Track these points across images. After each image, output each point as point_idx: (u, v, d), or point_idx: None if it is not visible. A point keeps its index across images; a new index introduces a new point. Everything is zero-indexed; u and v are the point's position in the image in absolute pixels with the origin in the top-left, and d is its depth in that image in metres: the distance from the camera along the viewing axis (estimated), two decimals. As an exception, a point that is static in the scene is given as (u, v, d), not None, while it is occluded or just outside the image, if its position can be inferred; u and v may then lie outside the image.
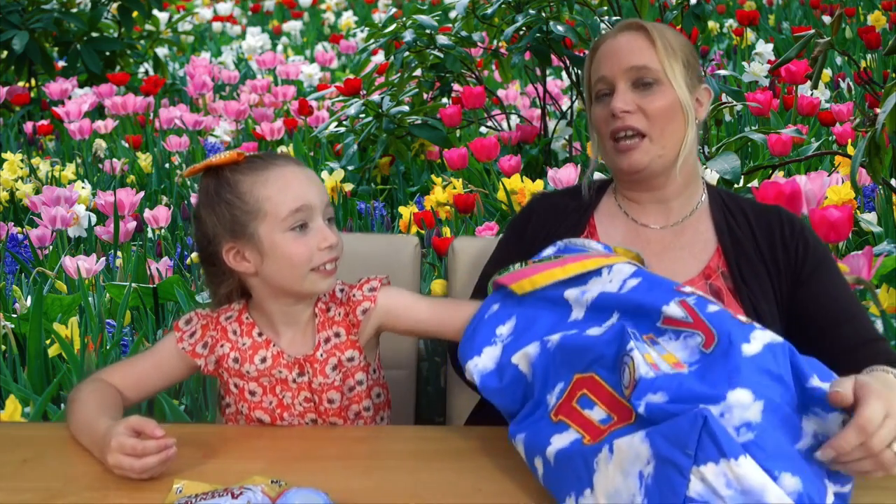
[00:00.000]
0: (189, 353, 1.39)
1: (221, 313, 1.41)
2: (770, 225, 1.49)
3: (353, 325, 1.38)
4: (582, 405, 1.10)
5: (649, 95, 1.47)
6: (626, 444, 0.99)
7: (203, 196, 1.35)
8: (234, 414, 1.41)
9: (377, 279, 1.41)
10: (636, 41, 1.49)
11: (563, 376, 1.15)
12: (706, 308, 1.10)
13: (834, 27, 2.68)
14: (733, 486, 0.92)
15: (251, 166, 1.32)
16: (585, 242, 1.36)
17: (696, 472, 0.93)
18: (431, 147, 4.44)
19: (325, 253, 1.32)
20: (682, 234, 1.52)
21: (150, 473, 1.17)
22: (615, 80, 1.48)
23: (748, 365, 1.00)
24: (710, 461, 0.92)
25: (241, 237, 1.31)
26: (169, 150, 4.69)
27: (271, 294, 1.36)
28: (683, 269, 1.48)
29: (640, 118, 1.47)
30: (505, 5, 4.11)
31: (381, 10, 9.83)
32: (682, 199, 1.54)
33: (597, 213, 1.59)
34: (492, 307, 1.31)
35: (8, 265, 3.25)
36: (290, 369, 1.37)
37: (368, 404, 1.41)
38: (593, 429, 1.06)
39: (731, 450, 0.92)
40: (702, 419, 0.93)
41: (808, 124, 4.38)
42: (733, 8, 8.06)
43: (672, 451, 0.94)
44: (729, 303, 1.43)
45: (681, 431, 0.94)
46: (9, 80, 6.36)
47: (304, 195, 1.31)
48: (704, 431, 0.92)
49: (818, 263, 1.46)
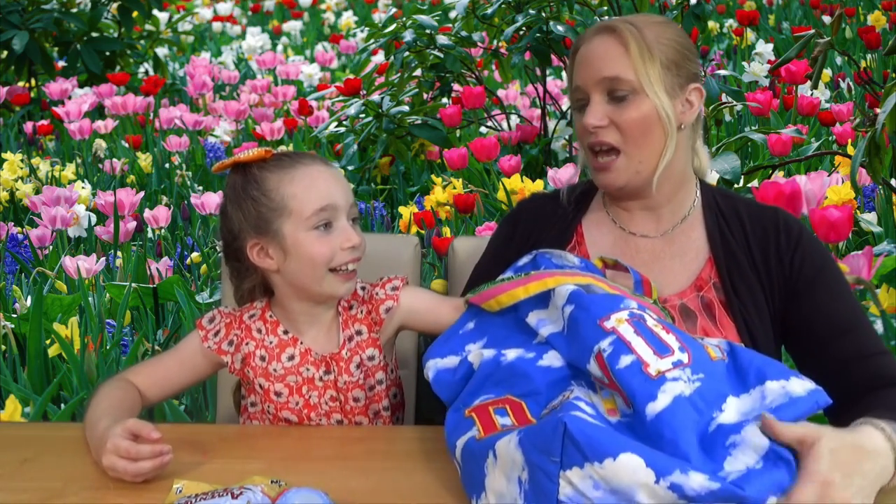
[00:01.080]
0: (215, 351, 1.39)
1: (244, 311, 1.41)
2: (766, 233, 1.42)
3: (376, 323, 1.39)
4: (497, 413, 1.13)
5: (623, 107, 1.38)
6: (504, 450, 1.03)
7: (230, 192, 1.36)
8: (259, 413, 1.41)
9: (399, 279, 1.42)
10: (609, 47, 1.39)
11: (497, 392, 1.17)
12: (616, 363, 1.08)
13: (834, 27, 2.68)
14: (601, 488, 0.96)
15: (278, 164, 1.33)
16: (561, 255, 1.34)
17: (564, 476, 0.97)
18: (431, 147, 4.44)
19: (348, 253, 1.32)
20: (673, 242, 1.46)
21: (143, 477, 1.17)
22: (588, 91, 1.40)
23: (652, 429, 1.02)
24: (574, 465, 0.96)
25: (265, 234, 1.32)
26: (169, 150, 4.69)
27: (293, 293, 1.37)
28: (674, 280, 1.43)
29: (612, 132, 1.38)
30: (505, 5, 4.11)
31: (381, 10, 9.83)
32: (673, 205, 1.46)
33: (585, 220, 1.52)
34: (467, 324, 1.32)
35: (8, 265, 3.25)
36: (318, 367, 1.37)
37: (387, 404, 1.41)
38: (491, 427, 1.10)
39: (595, 453, 0.95)
40: (562, 426, 0.97)
41: (808, 124, 4.38)
42: (733, 8, 8.06)
43: (540, 458, 0.98)
44: (720, 316, 1.38)
45: (546, 439, 0.98)
46: (9, 80, 6.36)
47: (330, 194, 1.32)
48: (567, 438, 0.96)
49: (816, 274, 1.39)
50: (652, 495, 0.95)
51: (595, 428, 0.98)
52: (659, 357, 1.08)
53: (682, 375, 1.06)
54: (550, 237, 1.50)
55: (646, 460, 0.95)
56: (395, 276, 1.43)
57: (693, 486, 0.94)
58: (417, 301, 1.42)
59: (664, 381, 1.05)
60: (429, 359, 1.29)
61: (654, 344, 1.10)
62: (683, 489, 0.94)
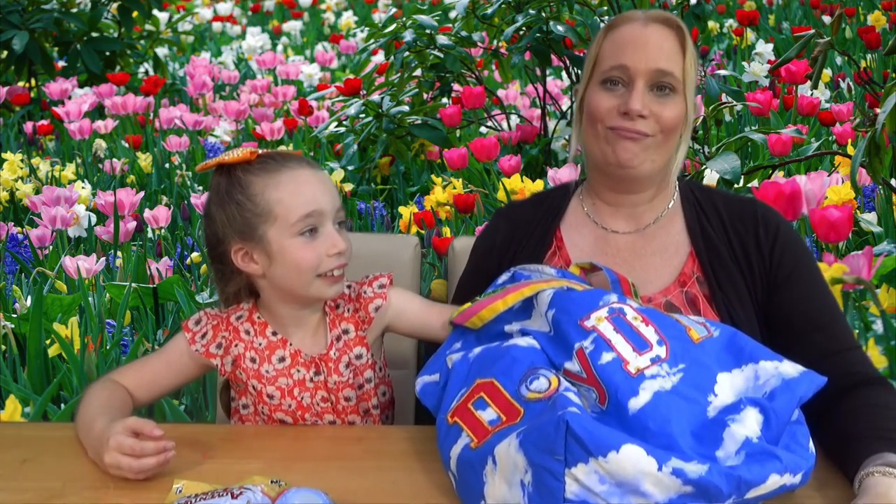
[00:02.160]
0: (203, 354, 1.38)
1: (231, 313, 1.40)
2: (744, 225, 1.43)
3: (364, 321, 1.38)
4: (476, 406, 1.13)
5: (664, 102, 1.38)
6: (504, 454, 1.04)
7: (214, 194, 1.34)
8: (252, 415, 1.41)
9: (385, 276, 1.41)
10: (668, 42, 1.39)
11: (468, 383, 1.18)
12: (598, 359, 1.11)
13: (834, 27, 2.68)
14: (606, 482, 0.96)
15: (264, 167, 1.31)
16: (538, 268, 1.35)
17: (570, 473, 0.97)
18: (431, 147, 4.44)
19: (334, 259, 1.31)
20: (654, 238, 1.46)
21: (146, 474, 1.17)
22: (636, 76, 1.37)
23: (635, 423, 1.03)
24: (579, 462, 0.97)
25: (250, 239, 1.31)
26: (169, 150, 4.69)
27: (279, 297, 1.36)
28: (657, 277, 1.43)
29: (651, 124, 1.38)
30: (505, 5, 4.11)
31: (381, 10, 9.83)
32: (655, 201, 1.47)
33: (563, 223, 1.52)
34: (454, 345, 1.32)
35: (8, 265, 3.25)
36: (308, 368, 1.37)
37: (376, 402, 1.41)
38: (481, 430, 1.10)
39: (598, 448, 0.96)
40: (564, 424, 0.97)
41: (808, 124, 4.38)
42: (733, 8, 8.06)
43: (543, 458, 0.99)
44: (705, 310, 1.39)
45: (548, 438, 0.99)
46: (9, 80, 6.36)
47: (316, 200, 1.30)
48: (569, 435, 0.97)
49: (794, 267, 1.40)
50: (657, 483, 0.96)
51: (595, 423, 0.99)
52: (638, 354, 1.11)
53: (661, 371, 1.09)
54: (530, 245, 1.50)
55: (646, 449, 0.96)
56: (380, 273, 1.42)
57: (693, 469, 0.96)
58: (405, 302, 1.41)
59: (643, 379, 1.07)
60: (418, 377, 1.30)
61: (633, 340, 1.13)
62: (686, 473, 0.95)
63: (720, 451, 1.01)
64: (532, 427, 1.03)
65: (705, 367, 1.11)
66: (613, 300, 1.19)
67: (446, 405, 1.19)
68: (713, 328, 1.18)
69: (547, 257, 1.49)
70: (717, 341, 1.16)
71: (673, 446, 1.00)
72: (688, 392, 1.07)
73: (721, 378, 1.10)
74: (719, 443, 1.02)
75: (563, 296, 1.22)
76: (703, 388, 1.08)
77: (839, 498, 1.12)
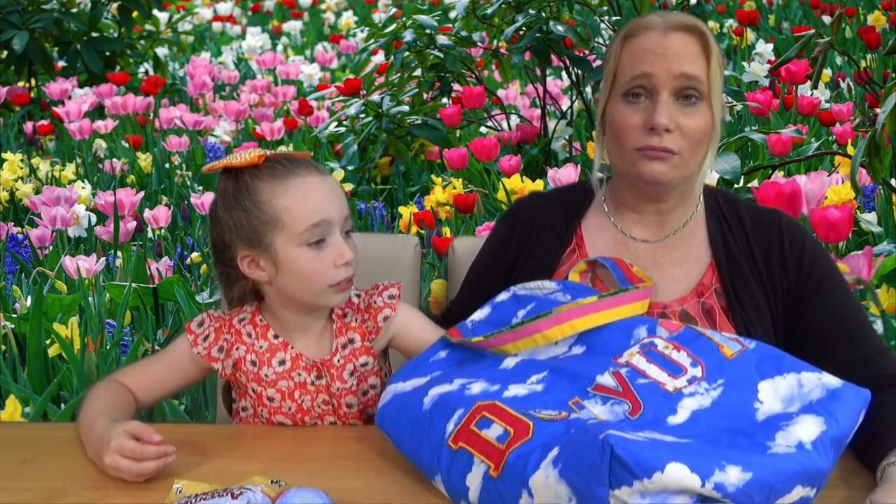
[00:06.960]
0: (205, 357, 1.37)
1: (234, 315, 1.40)
2: (769, 239, 1.40)
3: (371, 331, 1.38)
4: (480, 426, 1.11)
5: (689, 112, 1.33)
6: (542, 485, 1.01)
7: (220, 198, 1.31)
8: (251, 417, 1.40)
9: (395, 286, 1.40)
10: (691, 47, 1.34)
11: (463, 405, 1.15)
12: (636, 380, 1.12)
13: (834, 27, 2.68)
14: (647, 496, 0.95)
15: (272, 173, 1.28)
16: (538, 285, 1.34)
17: (613, 496, 0.96)
18: (431, 147, 4.44)
19: (342, 270, 1.30)
20: (675, 248, 1.44)
21: (145, 478, 1.17)
22: (659, 86, 1.33)
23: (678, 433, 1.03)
24: (623, 485, 0.95)
25: (257, 246, 1.29)
26: (169, 150, 4.69)
27: (285, 303, 1.35)
28: (675, 287, 1.41)
29: (677, 139, 1.33)
30: (505, 5, 4.11)
31: (381, 10, 9.83)
32: (679, 210, 1.44)
33: (584, 222, 1.50)
34: (439, 353, 1.31)
35: (8, 265, 3.25)
36: (309, 372, 1.36)
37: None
38: (494, 452, 1.07)
39: (643, 470, 0.95)
40: (609, 449, 0.96)
41: (808, 124, 4.38)
42: (733, 8, 8.06)
43: (588, 485, 0.97)
44: (721, 322, 1.37)
45: (592, 464, 0.97)
46: (9, 80, 6.36)
47: (324, 209, 1.28)
48: (614, 460, 0.95)
49: (820, 282, 1.38)
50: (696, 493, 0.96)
51: (636, 443, 0.97)
52: (674, 378, 1.12)
53: (699, 388, 1.10)
54: (549, 239, 1.49)
55: (689, 466, 0.95)
56: (389, 283, 1.41)
57: (731, 480, 0.95)
58: (413, 319, 1.40)
59: (682, 397, 1.09)
60: (391, 383, 1.28)
61: (667, 368, 1.14)
62: (725, 487, 0.95)
63: (772, 442, 1.01)
64: (571, 453, 1.00)
65: (745, 379, 1.11)
66: (643, 335, 1.20)
67: (440, 431, 1.14)
68: (747, 341, 1.17)
69: (566, 254, 1.47)
70: (753, 353, 1.15)
71: (718, 446, 1.00)
72: (731, 403, 1.07)
73: (763, 386, 1.09)
74: (772, 439, 1.02)
75: (591, 335, 1.21)
76: (747, 399, 1.08)
77: (864, 486, 1.13)
